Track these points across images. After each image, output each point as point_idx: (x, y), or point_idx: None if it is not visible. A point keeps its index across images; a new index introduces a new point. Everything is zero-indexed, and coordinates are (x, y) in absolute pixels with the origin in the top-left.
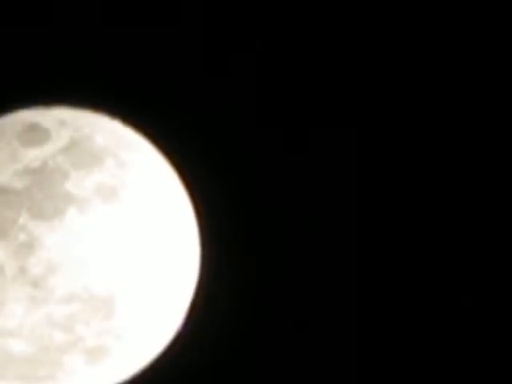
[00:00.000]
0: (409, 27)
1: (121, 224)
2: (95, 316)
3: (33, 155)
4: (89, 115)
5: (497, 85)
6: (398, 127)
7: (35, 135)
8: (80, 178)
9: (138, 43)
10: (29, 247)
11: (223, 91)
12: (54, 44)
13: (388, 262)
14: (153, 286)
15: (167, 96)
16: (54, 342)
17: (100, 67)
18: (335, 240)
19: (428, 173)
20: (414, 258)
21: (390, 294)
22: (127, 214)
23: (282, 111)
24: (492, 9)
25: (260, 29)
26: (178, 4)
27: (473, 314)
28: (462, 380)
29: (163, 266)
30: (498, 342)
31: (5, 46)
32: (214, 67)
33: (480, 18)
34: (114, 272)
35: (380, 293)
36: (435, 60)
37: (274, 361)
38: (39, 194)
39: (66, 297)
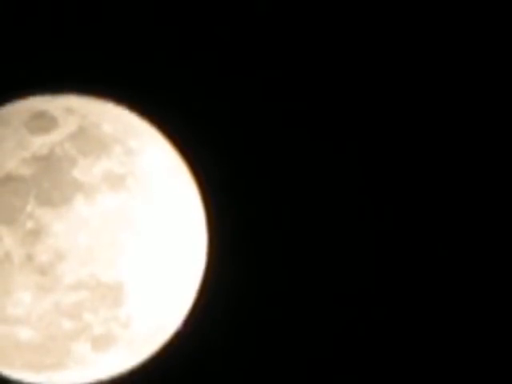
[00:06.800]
0: (408, 27)
1: (128, 212)
2: (103, 304)
3: (40, 143)
4: (96, 103)
5: (497, 85)
6: (398, 128)
7: (42, 123)
8: (87, 166)
9: (145, 31)
10: (36, 235)
11: (230, 81)
12: (61, 32)
13: (389, 264)
14: (160, 273)
15: (175, 84)
16: (62, 329)
17: (108, 55)
18: (340, 240)
19: (428, 174)
20: (414, 259)
21: (391, 297)
22: (134, 202)
23: (290, 105)
24: (492, 9)
25: (263, 23)
26: None
27: (472, 313)
28: (462, 380)
29: (170, 253)
30: (497, 342)
31: (12, 35)
32: (219, 57)
33: (480, 18)
34: (122, 260)
35: (382, 296)
36: (435, 60)
37: (275, 359)
38: (47, 182)
39: (73, 284)
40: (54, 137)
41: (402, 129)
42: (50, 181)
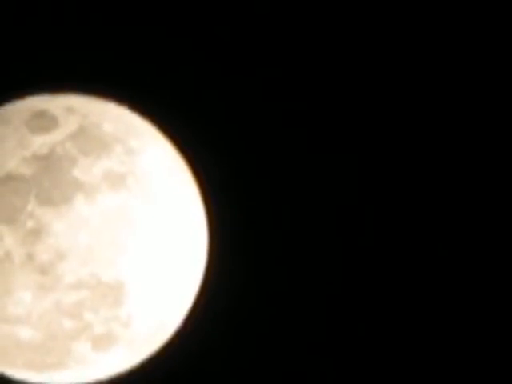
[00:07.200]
0: (408, 28)
1: (128, 211)
2: (103, 303)
3: (41, 142)
4: (97, 102)
5: (497, 85)
6: (399, 128)
7: (43, 122)
8: (88, 165)
9: (146, 31)
10: (37, 234)
11: (230, 81)
12: (61, 32)
13: (389, 264)
14: (160, 273)
15: (176, 84)
16: (63, 329)
17: (108, 55)
18: (340, 240)
19: (428, 174)
20: (414, 259)
21: (391, 297)
22: (135, 201)
23: (290, 105)
24: (492, 9)
25: (263, 23)
26: None
27: (472, 313)
28: (462, 380)
29: (171, 253)
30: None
31: (12, 35)
32: (219, 57)
33: (480, 18)
34: (122, 259)
35: (382, 297)
36: (435, 61)
37: (274, 359)
38: (47, 181)
39: (74, 284)
40: (55, 136)
41: (402, 129)
42: (50, 180)
